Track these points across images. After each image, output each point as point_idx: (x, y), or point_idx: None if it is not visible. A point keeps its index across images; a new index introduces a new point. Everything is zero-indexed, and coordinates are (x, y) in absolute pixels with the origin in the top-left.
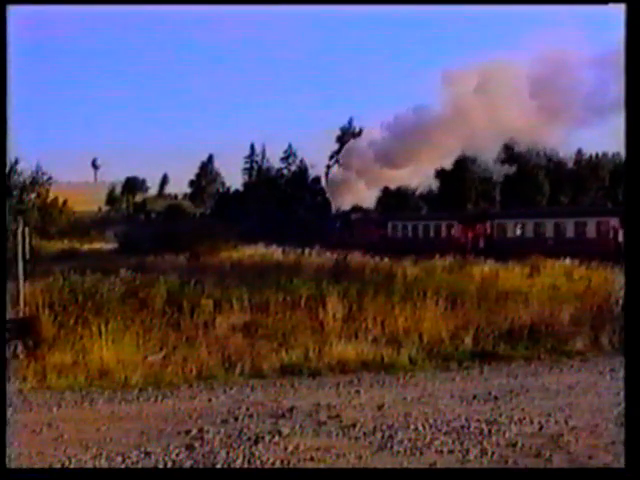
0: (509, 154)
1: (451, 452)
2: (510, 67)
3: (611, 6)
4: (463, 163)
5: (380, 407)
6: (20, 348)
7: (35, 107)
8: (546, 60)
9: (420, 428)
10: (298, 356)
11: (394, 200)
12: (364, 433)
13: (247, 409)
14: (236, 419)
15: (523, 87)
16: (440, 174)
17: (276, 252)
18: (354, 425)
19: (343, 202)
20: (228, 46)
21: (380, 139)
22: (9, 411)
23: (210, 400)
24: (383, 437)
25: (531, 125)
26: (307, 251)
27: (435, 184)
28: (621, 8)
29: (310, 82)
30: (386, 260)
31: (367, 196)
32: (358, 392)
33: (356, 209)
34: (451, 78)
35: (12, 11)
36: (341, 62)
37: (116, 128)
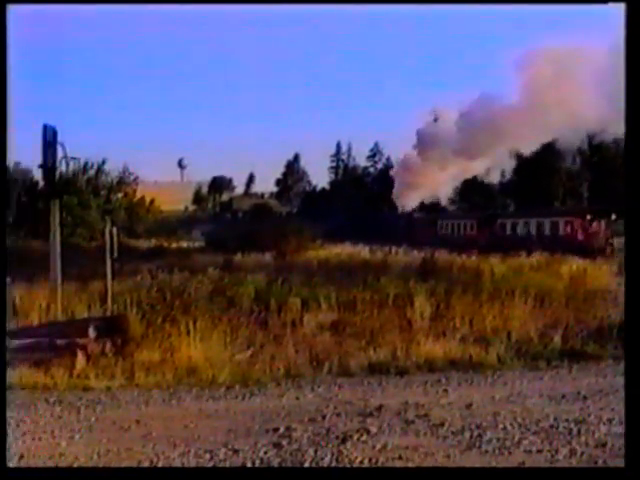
0: (591, 147)
1: (540, 452)
2: (585, 55)
3: (611, 6)
4: (546, 156)
5: (468, 406)
6: (108, 346)
7: (116, 108)
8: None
9: (509, 427)
10: (386, 354)
11: (479, 197)
12: (452, 432)
13: (335, 407)
14: (324, 417)
15: (598, 76)
16: (521, 168)
17: (363, 251)
18: (442, 424)
19: (419, 192)
20: (311, 45)
21: (456, 128)
22: (98, 408)
23: (298, 398)
24: (471, 436)
25: (612, 116)
26: (394, 249)
27: (511, 176)
28: (621, 8)
29: (392, 80)
30: (473, 258)
31: (444, 189)
32: (446, 391)
33: (421, 208)
34: (524, 66)
35: (12, 11)
36: (418, 59)
37: (202, 128)
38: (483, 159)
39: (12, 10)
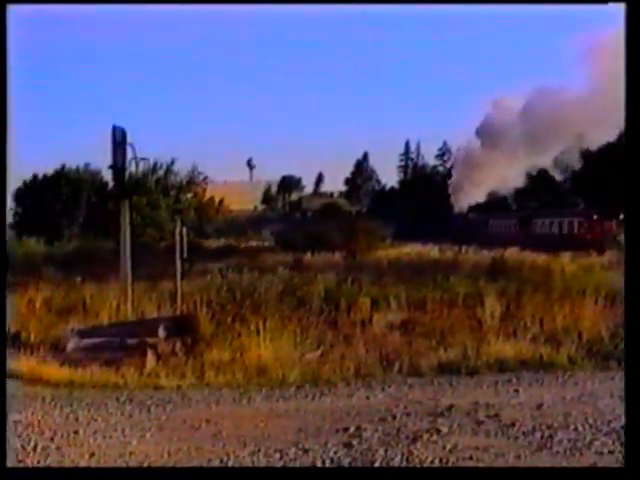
0: None
1: (611, 453)
2: None
3: (611, 6)
4: (615, 153)
5: (539, 406)
6: (178, 346)
7: (185, 108)
8: None
9: (580, 428)
10: (456, 354)
11: (548, 195)
12: (523, 433)
13: (405, 407)
14: (394, 417)
15: None
16: (589, 165)
17: (432, 250)
18: (513, 424)
19: (481, 185)
20: (380, 45)
21: (518, 122)
22: (168, 407)
23: (368, 398)
24: (542, 437)
25: None
26: (464, 249)
27: (580, 173)
28: (621, 8)
29: (461, 78)
30: (543, 257)
31: (507, 185)
32: (517, 391)
33: (486, 205)
34: (589, 57)
35: (12, 11)
36: (483, 57)
37: (270, 128)
38: (549, 155)
39: (15, 10)
